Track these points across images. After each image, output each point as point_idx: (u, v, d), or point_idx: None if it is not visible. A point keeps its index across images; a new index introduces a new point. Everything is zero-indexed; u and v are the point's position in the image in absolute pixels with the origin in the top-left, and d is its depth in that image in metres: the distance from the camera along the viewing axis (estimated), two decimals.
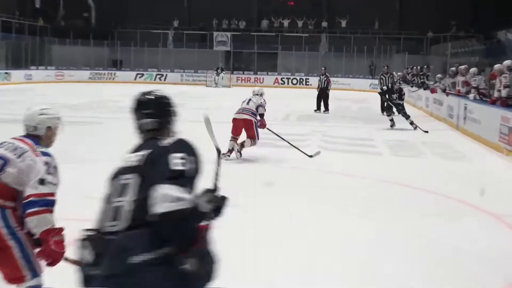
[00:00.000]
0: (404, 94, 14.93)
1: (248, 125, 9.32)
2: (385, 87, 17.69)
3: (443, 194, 7.24)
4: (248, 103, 9.52)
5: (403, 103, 14.59)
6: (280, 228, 5.59)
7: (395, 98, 14.38)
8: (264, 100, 9.64)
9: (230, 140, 9.31)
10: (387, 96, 14.77)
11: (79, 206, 6.18)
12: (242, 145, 9.32)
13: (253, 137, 9.30)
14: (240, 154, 9.24)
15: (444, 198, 7.09)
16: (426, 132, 13.18)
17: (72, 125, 13.39)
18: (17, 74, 32.59)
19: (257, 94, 9.70)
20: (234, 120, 9.42)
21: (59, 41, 37.78)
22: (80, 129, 13.18)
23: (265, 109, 9.55)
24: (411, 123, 14.06)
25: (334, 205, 6.55)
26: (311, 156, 9.26)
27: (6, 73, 31.75)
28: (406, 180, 8.01)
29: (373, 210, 6.37)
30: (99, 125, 13.93)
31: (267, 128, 9.71)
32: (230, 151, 9.23)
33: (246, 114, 9.36)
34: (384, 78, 18.47)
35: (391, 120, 14.34)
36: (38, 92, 25.51)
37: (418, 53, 33.74)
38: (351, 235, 5.42)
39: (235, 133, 9.38)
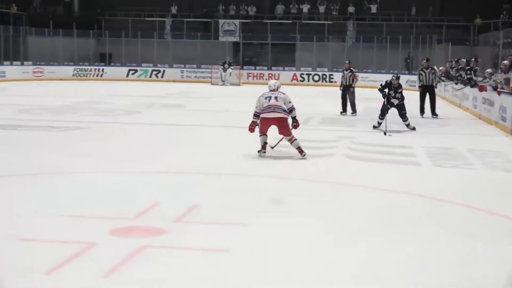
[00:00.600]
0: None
1: (283, 122, 10.40)
2: (426, 84, 17.82)
3: (495, 212, 7.25)
4: (277, 100, 10.44)
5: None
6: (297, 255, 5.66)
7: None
8: (290, 99, 10.60)
9: (261, 136, 10.53)
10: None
11: (51, 227, 6.32)
12: (299, 148, 10.44)
13: (289, 134, 10.45)
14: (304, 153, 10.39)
15: (496, 217, 7.10)
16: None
17: (52, 131, 13.67)
18: None
19: (274, 89, 10.68)
20: (265, 119, 10.41)
21: (36, 31, 38.19)
22: (61, 135, 13.33)
23: (290, 103, 10.56)
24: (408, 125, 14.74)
25: (361, 225, 6.60)
26: (272, 147, 10.68)
27: None
28: (449, 196, 8.03)
29: (410, 231, 6.41)
30: (84, 130, 14.03)
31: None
32: (264, 146, 10.51)
33: (280, 112, 10.38)
34: (423, 74, 18.48)
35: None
36: (12, 92, 25.75)
37: (464, 43, 33.69)
38: (383, 259, 5.48)
39: (263, 130, 10.50)
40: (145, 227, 6.28)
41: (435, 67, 20.08)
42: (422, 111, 18.23)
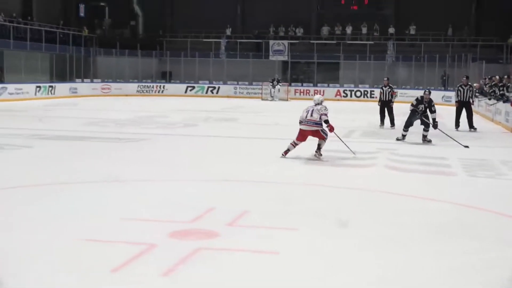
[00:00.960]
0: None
1: (316, 133, 11.23)
2: (463, 100, 17.60)
3: None
4: (312, 115, 11.24)
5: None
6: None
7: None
8: (325, 108, 11.34)
9: (290, 143, 11.38)
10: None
11: (115, 229, 6.40)
12: (319, 147, 11.21)
13: (323, 138, 11.21)
14: (321, 154, 11.20)
15: None
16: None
17: (118, 142, 13.87)
18: (62, 88, 33.72)
19: (319, 103, 11.38)
20: (302, 130, 11.32)
21: (105, 51, 38.92)
22: (126, 146, 13.50)
23: (327, 115, 11.23)
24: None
25: (400, 230, 6.52)
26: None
27: (50, 86, 32.80)
28: (484, 204, 7.88)
29: (445, 238, 6.31)
30: (147, 141, 14.18)
31: (334, 133, 11.53)
32: (286, 152, 11.34)
33: (312, 125, 11.21)
34: (462, 90, 18.22)
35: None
36: (83, 107, 26.24)
37: (497, 61, 33.11)
38: (422, 263, 5.39)
39: (300, 139, 11.36)
40: (200, 230, 6.31)
41: (474, 85, 19.80)
42: (457, 124, 17.98)
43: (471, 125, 17.87)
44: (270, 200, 7.99)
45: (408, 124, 14.40)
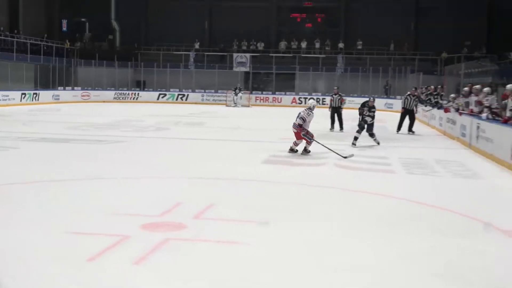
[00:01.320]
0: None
1: (297, 135, 12.18)
2: (408, 108, 17.91)
3: (456, 211, 7.23)
4: (297, 118, 12.26)
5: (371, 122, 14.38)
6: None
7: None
8: (308, 113, 12.25)
9: (293, 142, 12.30)
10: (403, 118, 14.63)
11: (93, 222, 6.34)
12: (304, 147, 12.19)
13: (305, 140, 12.13)
14: (307, 152, 12.17)
15: (456, 216, 7.08)
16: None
17: (97, 144, 13.71)
18: (45, 95, 33.13)
19: (308, 108, 12.44)
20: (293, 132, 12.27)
21: (85, 62, 38.44)
22: (105, 147, 13.35)
23: (303, 120, 12.10)
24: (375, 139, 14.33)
25: (350, 223, 6.60)
26: (345, 157, 11.43)
27: (34, 93, 32.27)
28: (419, 198, 8.01)
29: (388, 229, 6.39)
30: (123, 143, 14.05)
31: (314, 140, 12.23)
32: (292, 150, 12.26)
33: (294, 128, 12.19)
34: (409, 99, 18.49)
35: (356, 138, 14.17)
36: (65, 112, 25.87)
37: (432, 73, 33.60)
38: (365, 253, 5.46)
39: (297, 138, 12.24)
40: (169, 222, 6.28)
41: (420, 96, 20.12)
42: (399, 128, 18.21)
43: (410, 129, 18.13)
44: (235, 195, 7.99)
45: (360, 127, 14.29)
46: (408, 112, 18.37)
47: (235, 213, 6.80)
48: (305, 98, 35.85)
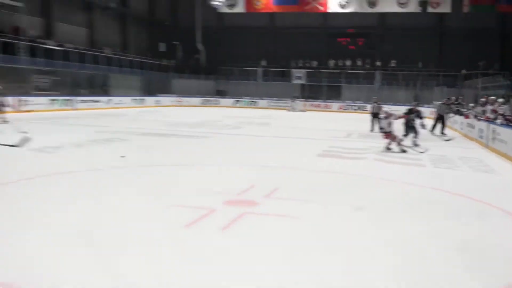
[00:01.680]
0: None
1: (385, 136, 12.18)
2: (442, 114, 17.35)
3: (475, 198, 6.96)
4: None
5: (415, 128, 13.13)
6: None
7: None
8: (389, 121, 12.00)
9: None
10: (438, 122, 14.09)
11: (191, 197, 6.45)
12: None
13: (389, 138, 12.04)
14: (388, 149, 11.97)
15: (475, 202, 6.82)
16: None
17: (190, 138, 13.99)
18: (149, 100, 33.97)
19: (387, 116, 12.19)
20: None
21: (178, 75, 39.21)
22: (195, 141, 13.61)
23: (388, 123, 11.98)
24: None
25: (383, 206, 6.46)
26: (422, 152, 11.51)
27: (141, 99, 33.14)
28: (444, 187, 7.75)
29: (416, 212, 6.23)
30: (209, 138, 14.25)
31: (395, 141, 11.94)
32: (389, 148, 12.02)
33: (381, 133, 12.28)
34: (441, 107, 17.89)
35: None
36: (164, 114, 26.48)
37: (454, 86, 32.44)
38: (394, 233, 5.34)
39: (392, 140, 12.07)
40: (245, 200, 6.33)
41: (451, 106, 19.50)
42: (433, 129, 17.53)
43: (442, 131, 17.48)
44: (295, 180, 7.98)
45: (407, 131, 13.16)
46: (441, 117, 17.76)
47: (295, 194, 6.80)
48: (350, 105, 35.37)
